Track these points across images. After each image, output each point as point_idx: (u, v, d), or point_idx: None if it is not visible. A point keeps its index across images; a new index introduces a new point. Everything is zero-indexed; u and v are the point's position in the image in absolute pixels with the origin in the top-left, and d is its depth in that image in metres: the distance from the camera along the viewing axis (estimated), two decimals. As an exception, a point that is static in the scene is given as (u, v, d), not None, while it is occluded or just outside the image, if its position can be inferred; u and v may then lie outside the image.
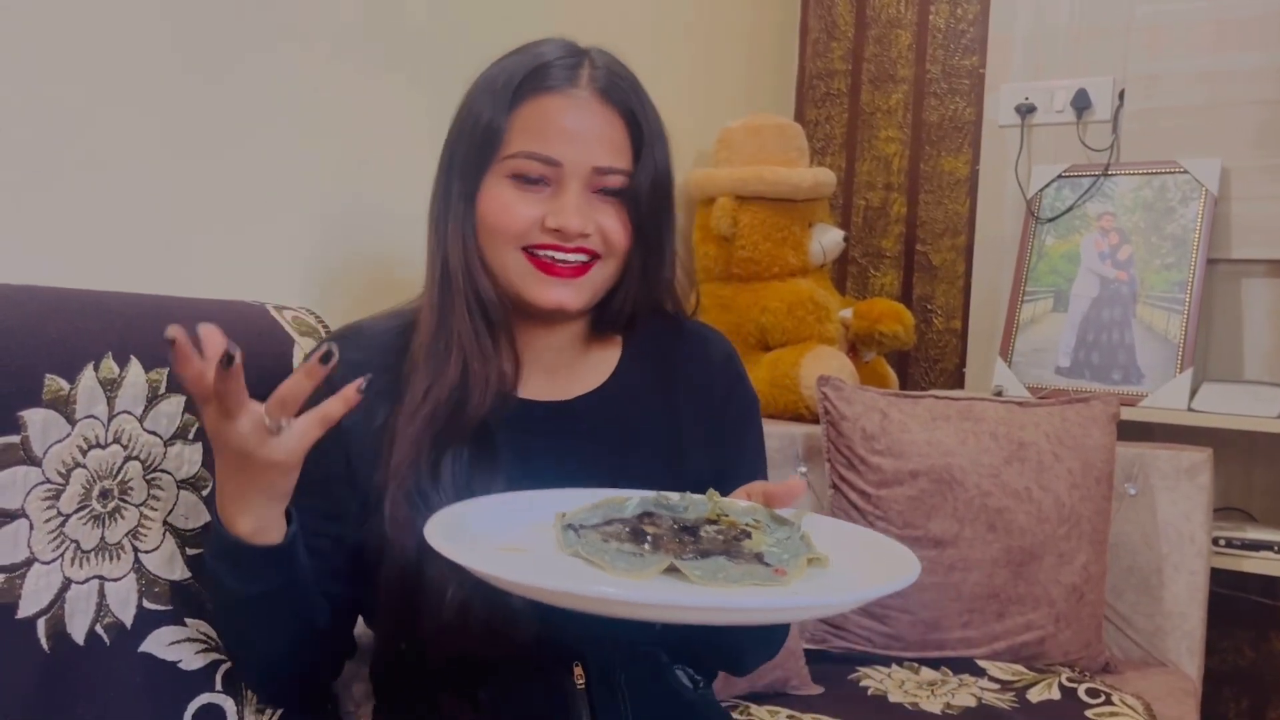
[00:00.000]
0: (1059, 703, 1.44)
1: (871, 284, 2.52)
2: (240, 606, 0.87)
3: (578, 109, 0.90)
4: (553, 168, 0.90)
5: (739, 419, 1.04)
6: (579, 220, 0.89)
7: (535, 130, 0.90)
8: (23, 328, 0.85)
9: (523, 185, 0.90)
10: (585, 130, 0.90)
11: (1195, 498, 1.71)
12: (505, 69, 0.93)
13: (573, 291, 0.92)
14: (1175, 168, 2.10)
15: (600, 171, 0.90)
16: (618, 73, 0.93)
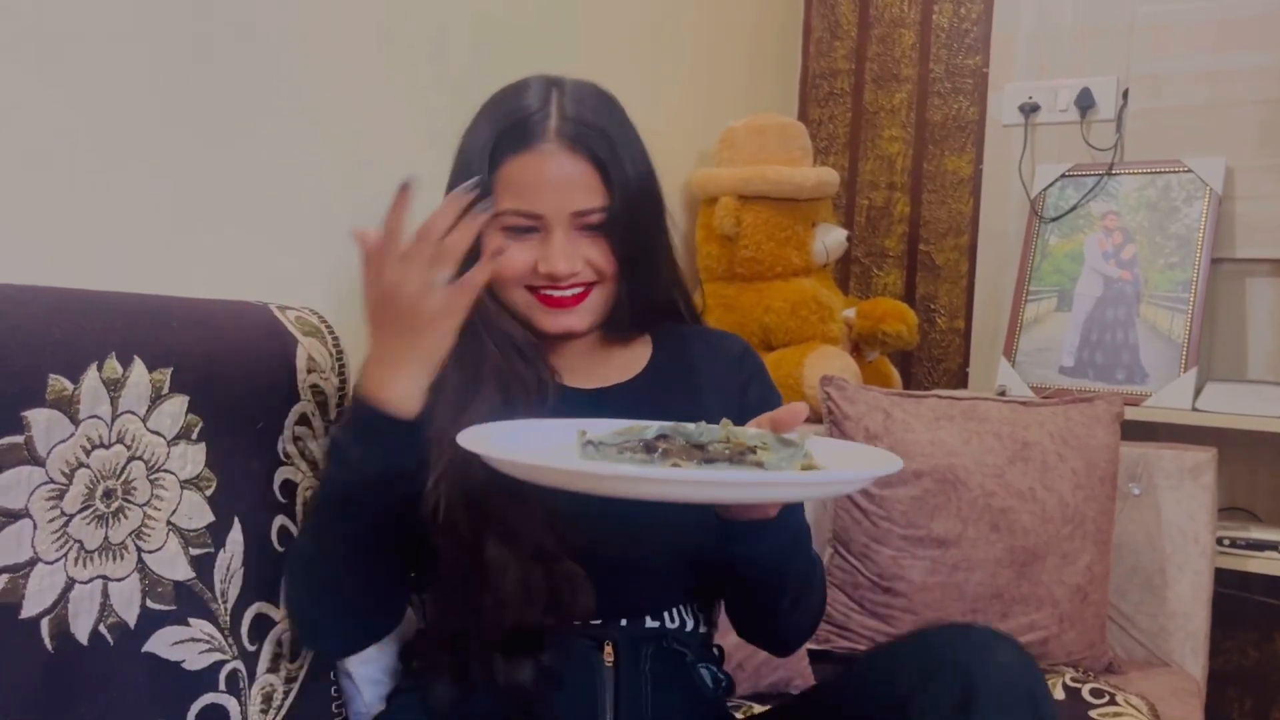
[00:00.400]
0: (1063, 703, 1.43)
1: (875, 283, 2.52)
2: (357, 492, 0.91)
3: (550, 164, 1.00)
4: (537, 219, 1.00)
5: (759, 407, 1.06)
6: (565, 264, 1.00)
7: (516, 189, 1.00)
8: (26, 328, 0.85)
9: (517, 237, 1.01)
10: (559, 182, 0.99)
11: (1199, 498, 1.71)
12: (484, 127, 1.03)
13: (576, 317, 1.03)
14: (1179, 167, 2.10)
15: (579, 214, 1.00)
16: (583, 118, 1.01)
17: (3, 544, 0.81)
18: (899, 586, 1.57)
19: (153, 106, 1.14)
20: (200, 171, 1.20)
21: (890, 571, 1.58)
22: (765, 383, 1.15)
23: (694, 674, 1.05)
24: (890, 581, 1.58)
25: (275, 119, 1.28)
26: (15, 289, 0.88)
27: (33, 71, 1.03)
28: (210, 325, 1.02)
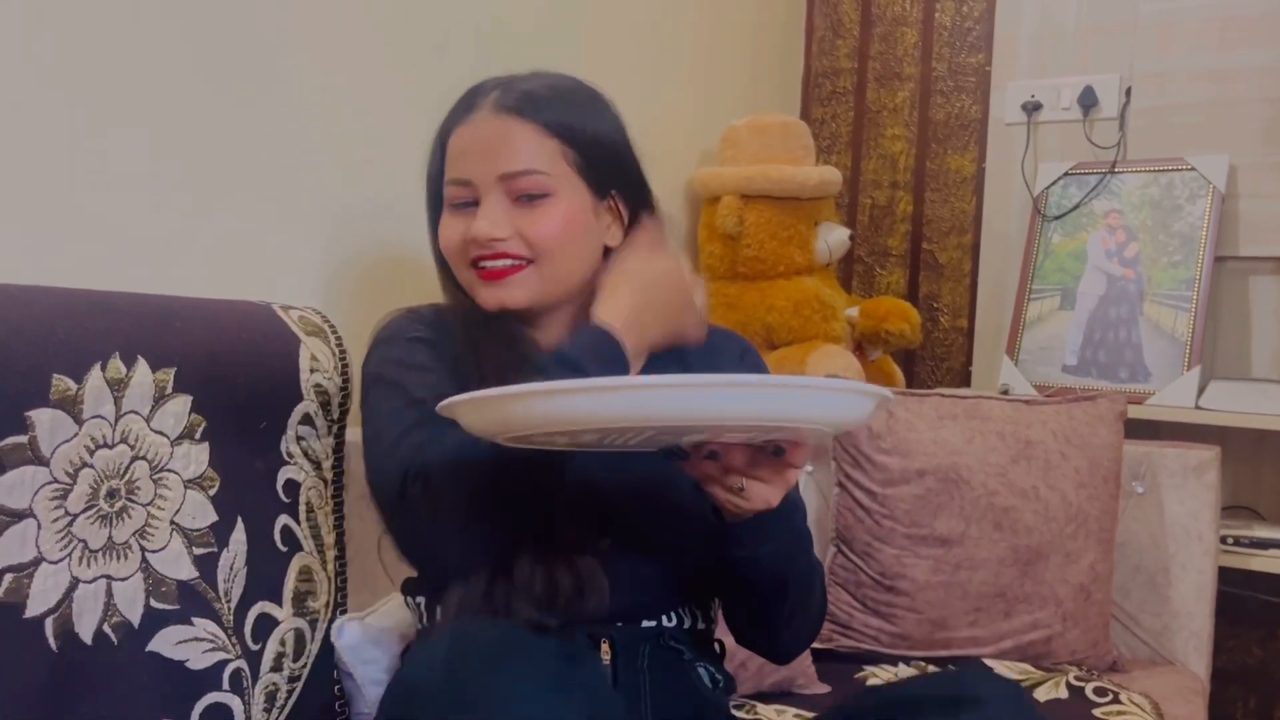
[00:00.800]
0: (1066, 702, 1.43)
1: (878, 282, 2.51)
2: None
3: (476, 129, 0.99)
4: (468, 188, 0.99)
5: None
6: (486, 225, 0.97)
7: (452, 160, 1.00)
8: (30, 328, 0.85)
9: (456, 211, 1.00)
10: (484, 144, 0.98)
11: (1203, 496, 1.70)
12: (443, 120, 1.04)
13: (510, 289, 0.99)
14: (1182, 165, 2.09)
15: (508, 177, 0.98)
16: (532, 90, 1.00)
17: (7, 544, 0.81)
18: (902, 585, 1.57)
19: (155, 108, 1.15)
20: (203, 172, 1.20)
21: (893, 570, 1.58)
22: None
23: (692, 673, 1.02)
24: (893, 580, 1.58)
25: (278, 120, 1.29)
26: (19, 289, 0.88)
27: (35, 72, 1.03)
28: (213, 325, 1.03)
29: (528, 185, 0.98)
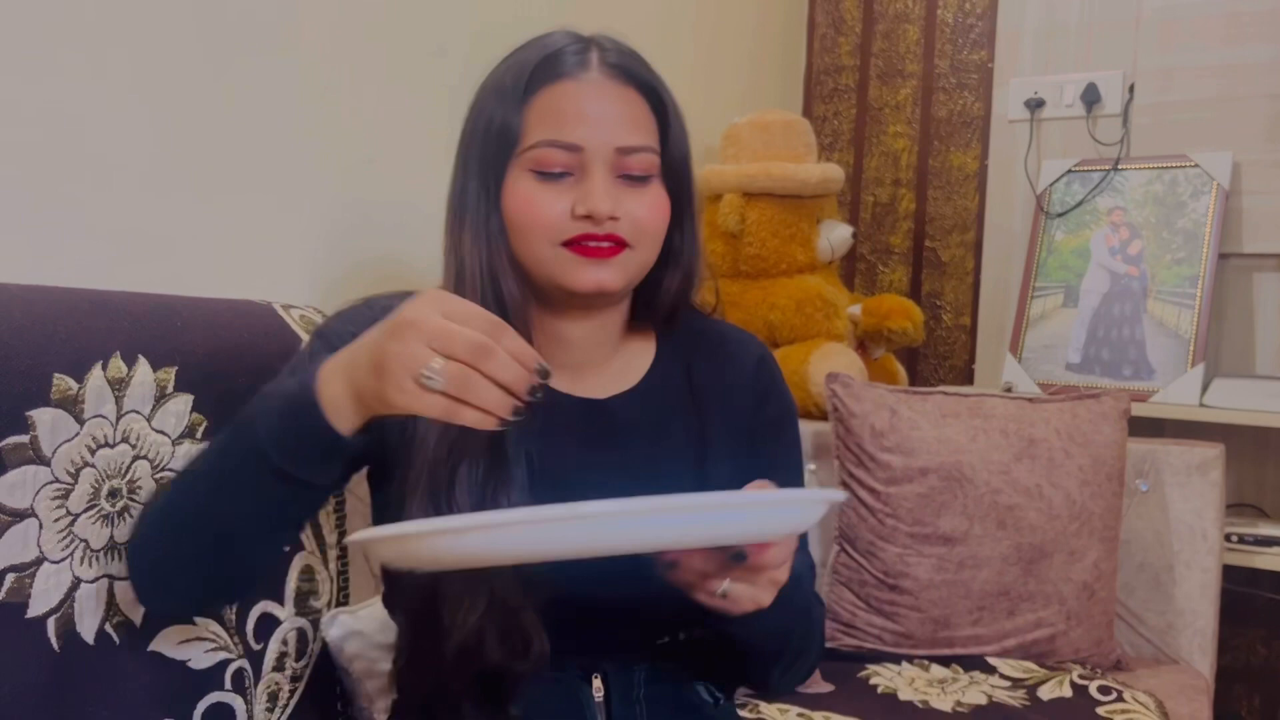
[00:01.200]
0: (1070, 700, 1.43)
1: (880, 280, 2.51)
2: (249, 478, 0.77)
3: (593, 91, 0.87)
4: (574, 154, 0.86)
5: (771, 426, 1.02)
6: (608, 202, 0.86)
7: (552, 119, 0.87)
8: (31, 327, 0.85)
9: (546, 180, 0.87)
10: (604, 112, 0.87)
11: (1207, 494, 1.70)
12: (513, 66, 0.90)
13: (610, 271, 0.88)
14: (1186, 161, 2.09)
15: (624, 151, 0.87)
16: (628, 51, 0.91)
17: (8, 543, 0.81)
18: (905, 584, 1.57)
19: (157, 107, 1.14)
20: (203, 170, 1.20)
21: (896, 569, 1.57)
22: (781, 401, 1.04)
23: (690, 693, 0.98)
24: (896, 579, 1.57)
25: (279, 119, 1.28)
26: (19, 288, 0.88)
27: (35, 71, 1.03)
28: (214, 324, 1.02)
29: (640, 164, 0.88)
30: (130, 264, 1.12)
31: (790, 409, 1.05)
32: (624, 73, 0.89)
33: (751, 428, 1.01)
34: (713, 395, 1.00)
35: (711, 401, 1.00)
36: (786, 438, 1.04)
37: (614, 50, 0.91)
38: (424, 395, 0.68)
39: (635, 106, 0.89)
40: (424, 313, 0.69)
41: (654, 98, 0.90)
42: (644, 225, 0.89)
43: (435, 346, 0.68)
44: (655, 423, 0.97)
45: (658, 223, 0.91)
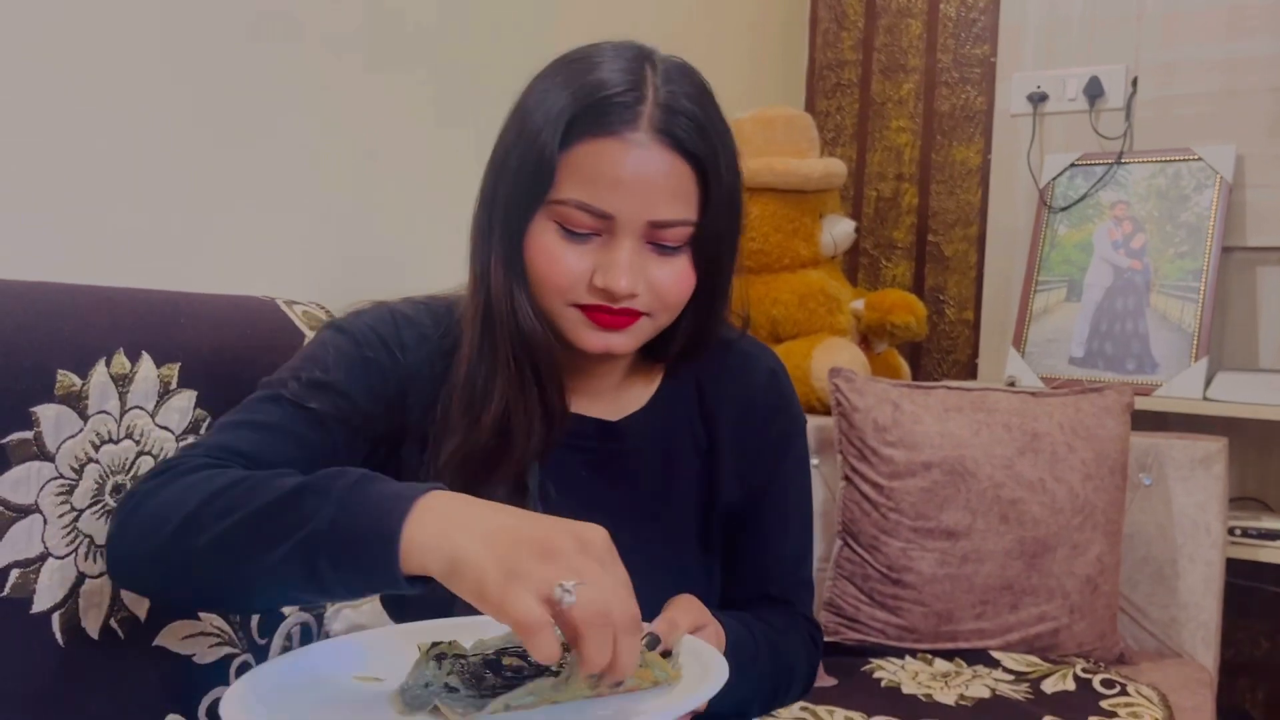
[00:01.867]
0: (1074, 694, 1.43)
1: (883, 275, 2.51)
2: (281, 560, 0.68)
3: (635, 157, 0.80)
4: (604, 221, 0.82)
5: (778, 443, 1.02)
6: (628, 281, 0.82)
7: (586, 179, 0.81)
8: (35, 324, 0.85)
9: (571, 238, 0.83)
10: (642, 180, 0.81)
11: (1210, 487, 1.70)
12: (560, 93, 0.82)
13: (621, 338, 0.86)
14: (1189, 155, 2.08)
15: (656, 225, 0.82)
16: (681, 107, 0.82)
17: (13, 539, 0.81)
18: (908, 578, 1.57)
19: (160, 103, 1.15)
20: (206, 167, 1.20)
21: (899, 563, 1.57)
22: (791, 415, 1.02)
23: None
24: (899, 573, 1.57)
25: (280, 114, 1.28)
26: (23, 285, 0.88)
27: (41, 68, 1.03)
28: (217, 320, 1.03)
29: (672, 237, 0.83)
30: (133, 260, 1.12)
31: (799, 423, 1.04)
32: (674, 135, 0.81)
33: (760, 443, 1.00)
34: (723, 411, 0.99)
35: (722, 417, 0.99)
36: (794, 453, 1.04)
37: (667, 104, 0.82)
38: (540, 608, 0.60)
39: (678, 178, 0.82)
40: (590, 550, 0.64)
41: (700, 167, 0.83)
42: (665, 296, 0.85)
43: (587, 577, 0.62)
44: (665, 442, 0.97)
45: (679, 295, 0.86)
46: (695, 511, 0.98)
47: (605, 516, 0.92)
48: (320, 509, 0.67)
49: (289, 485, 0.69)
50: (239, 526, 0.69)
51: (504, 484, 0.87)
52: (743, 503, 0.99)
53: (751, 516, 1.00)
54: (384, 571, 0.64)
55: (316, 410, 0.83)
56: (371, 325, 0.89)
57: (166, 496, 0.74)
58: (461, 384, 0.87)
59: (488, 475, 0.86)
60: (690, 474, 0.98)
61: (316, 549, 0.66)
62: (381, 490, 0.68)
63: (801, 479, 1.05)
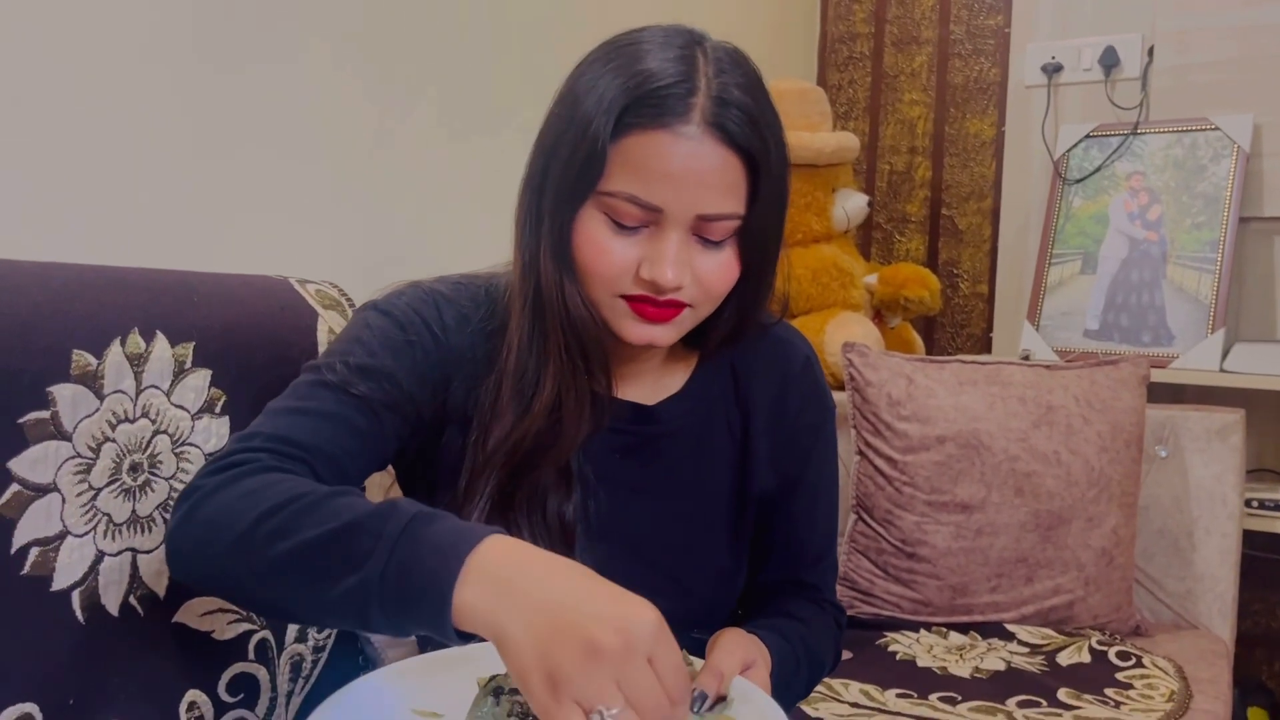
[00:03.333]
0: (1089, 666, 1.43)
1: (896, 249, 2.50)
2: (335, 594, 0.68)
3: (686, 150, 0.79)
4: (652, 213, 0.81)
5: (810, 430, 1.02)
6: (674, 273, 0.82)
7: (637, 171, 0.80)
8: (49, 304, 0.85)
9: (622, 231, 0.83)
10: (692, 174, 0.80)
11: (1227, 459, 1.69)
12: (611, 82, 0.81)
13: (664, 331, 0.86)
14: (1206, 125, 2.06)
15: (705, 219, 0.82)
16: (734, 99, 0.81)
17: (32, 518, 0.82)
18: (923, 552, 1.57)
19: (173, 85, 1.15)
20: (219, 147, 1.20)
21: (914, 537, 1.57)
22: (823, 404, 1.03)
23: None
24: (914, 547, 1.57)
25: (292, 93, 1.28)
26: (38, 265, 0.88)
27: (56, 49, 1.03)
28: (231, 299, 1.03)
29: (720, 230, 0.83)
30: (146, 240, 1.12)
31: (830, 411, 1.05)
32: (726, 129, 0.80)
33: (793, 429, 1.01)
34: (758, 398, 0.99)
35: (755, 403, 0.99)
36: (825, 440, 1.05)
37: (719, 95, 0.81)
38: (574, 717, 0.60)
39: (729, 172, 0.82)
40: (633, 649, 0.61)
41: (751, 161, 0.82)
42: (709, 287, 0.85)
43: (625, 692, 0.60)
44: (699, 427, 0.97)
45: (723, 285, 0.86)
46: (727, 496, 0.99)
47: (638, 499, 0.94)
48: (374, 553, 0.66)
49: (344, 518, 0.68)
50: (292, 556, 0.68)
51: (551, 470, 0.88)
52: (775, 489, 1.00)
53: (783, 503, 1.01)
54: (436, 629, 0.65)
55: (366, 396, 0.84)
56: (413, 307, 0.89)
57: (225, 501, 0.73)
58: (512, 371, 0.87)
59: (537, 461, 0.87)
60: (723, 459, 0.99)
61: (369, 598, 0.66)
62: (435, 539, 0.66)
63: (831, 465, 1.06)
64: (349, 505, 0.70)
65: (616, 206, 0.82)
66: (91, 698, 0.85)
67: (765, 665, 0.86)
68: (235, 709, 0.97)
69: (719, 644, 0.84)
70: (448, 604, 0.63)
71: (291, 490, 0.72)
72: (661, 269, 0.81)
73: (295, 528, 0.69)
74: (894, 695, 1.33)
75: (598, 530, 0.91)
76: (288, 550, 0.68)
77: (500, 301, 0.91)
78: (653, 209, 0.81)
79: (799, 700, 1.01)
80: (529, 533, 0.88)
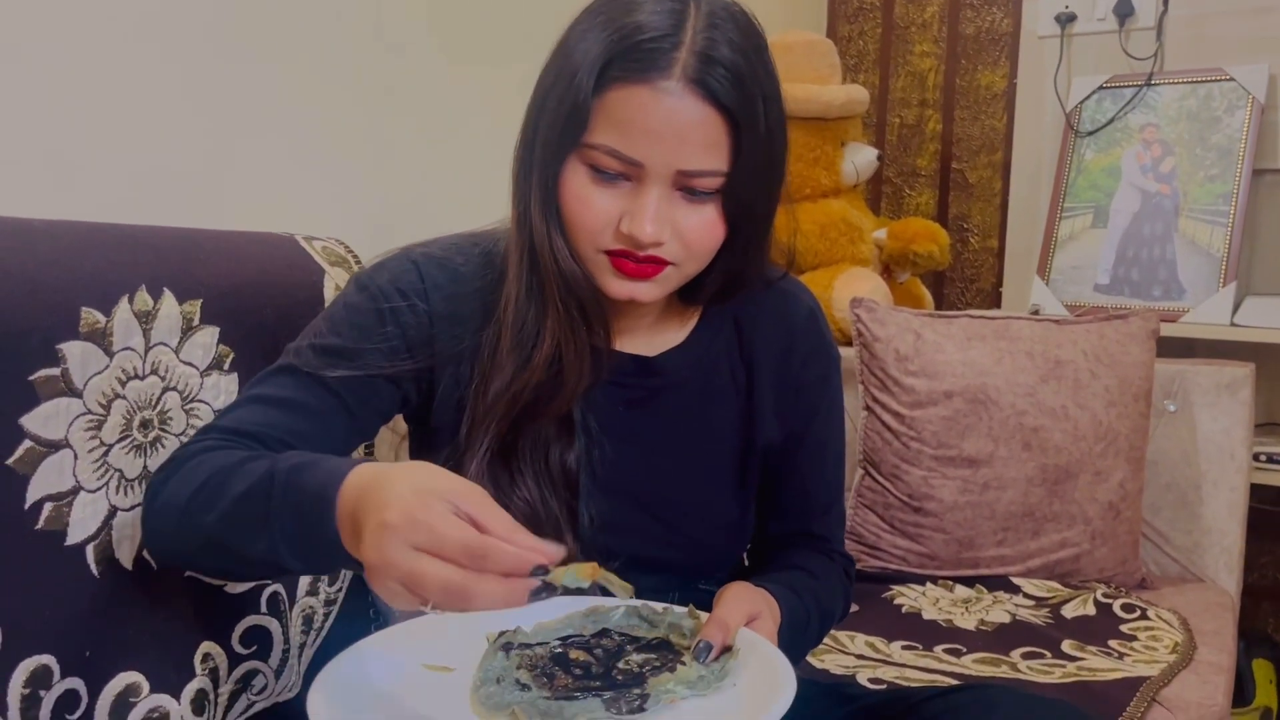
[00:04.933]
0: (1094, 618, 1.44)
1: (906, 203, 2.48)
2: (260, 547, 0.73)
3: (666, 106, 0.79)
4: (633, 168, 0.82)
5: (815, 383, 1.02)
6: (653, 229, 0.82)
7: (618, 124, 0.81)
8: (57, 262, 0.86)
9: (601, 180, 0.83)
10: (672, 129, 0.80)
11: (1236, 413, 1.69)
12: (598, 35, 0.81)
13: (646, 287, 0.86)
14: (1221, 75, 2.03)
15: (686, 174, 0.82)
16: (719, 55, 0.80)
17: (45, 473, 0.83)
18: (929, 506, 1.58)
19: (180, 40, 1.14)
20: (224, 104, 1.20)
21: (921, 491, 1.58)
22: (828, 355, 1.03)
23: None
24: (920, 501, 1.58)
25: (298, 49, 1.27)
26: (44, 223, 0.88)
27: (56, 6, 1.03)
28: (238, 257, 1.03)
29: (702, 185, 0.83)
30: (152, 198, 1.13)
31: (836, 362, 1.05)
32: (707, 89, 0.80)
33: (799, 383, 1.01)
34: (762, 351, 0.99)
35: (760, 356, 0.99)
36: (831, 392, 1.04)
37: (704, 51, 0.80)
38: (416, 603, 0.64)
39: (710, 128, 0.81)
40: (412, 513, 0.63)
41: (733, 119, 0.82)
42: (691, 245, 0.85)
43: (427, 549, 0.62)
44: (703, 379, 0.98)
45: (706, 244, 0.86)
46: (733, 448, 0.99)
47: (644, 450, 0.95)
48: (270, 510, 0.71)
49: (247, 481, 0.74)
50: (217, 526, 0.75)
51: (552, 421, 0.90)
52: (781, 442, 1.00)
53: (790, 455, 1.01)
54: (338, 561, 0.69)
55: (327, 378, 0.87)
56: (392, 279, 0.91)
57: (171, 489, 0.80)
58: (511, 323, 0.88)
59: (538, 412, 0.89)
60: (728, 411, 0.99)
61: (277, 548, 0.72)
62: (311, 483, 0.71)
63: (838, 417, 1.06)
64: (252, 470, 0.75)
65: (598, 158, 0.82)
66: (107, 649, 0.87)
67: (772, 618, 0.87)
68: (248, 660, 0.99)
69: (725, 597, 0.85)
70: (333, 536, 0.68)
71: (214, 465, 0.77)
72: (640, 223, 0.82)
73: (216, 500, 0.75)
74: (899, 647, 1.34)
75: (603, 481, 0.92)
76: (212, 522, 0.75)
77: (500, 255, 0.92)
78: (633, 163, 0.81)
79: (810, 651, 1.02)
80: (533, 481, 0.89)
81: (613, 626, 0.84)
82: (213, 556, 0.79)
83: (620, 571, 0.85)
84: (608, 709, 0.72)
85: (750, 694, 0.75)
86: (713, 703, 0.75)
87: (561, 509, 0.90)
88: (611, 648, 0.81)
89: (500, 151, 0.93)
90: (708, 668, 0.77)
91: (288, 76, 1.27)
